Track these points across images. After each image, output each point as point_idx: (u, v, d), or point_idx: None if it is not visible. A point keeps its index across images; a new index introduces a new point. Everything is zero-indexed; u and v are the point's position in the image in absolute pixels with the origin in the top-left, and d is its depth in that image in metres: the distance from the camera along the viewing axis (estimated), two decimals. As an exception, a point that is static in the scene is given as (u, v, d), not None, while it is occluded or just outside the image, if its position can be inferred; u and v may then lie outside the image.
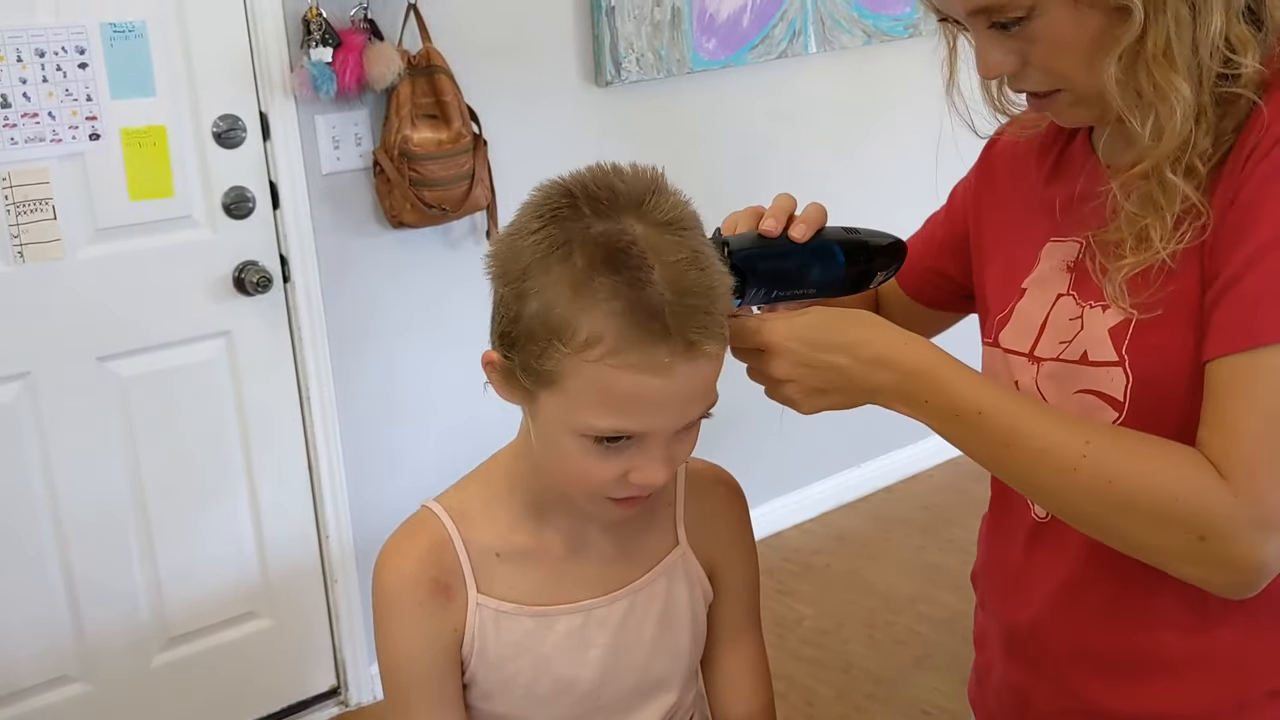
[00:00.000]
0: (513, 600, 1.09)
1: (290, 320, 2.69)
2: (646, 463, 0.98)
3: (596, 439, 0.97)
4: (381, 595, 1.10)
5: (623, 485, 1.00)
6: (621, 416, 0.95)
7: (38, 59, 2.31)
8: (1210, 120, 0.95)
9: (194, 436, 2.63)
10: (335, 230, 2.70)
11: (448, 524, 1.10)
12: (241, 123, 2.55)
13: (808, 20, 3.33)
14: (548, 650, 1.09)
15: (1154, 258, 0.96)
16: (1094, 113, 1.01)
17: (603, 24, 2.94)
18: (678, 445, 1.01)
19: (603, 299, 0.92)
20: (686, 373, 0.94)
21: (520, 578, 1.09)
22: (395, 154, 2.60)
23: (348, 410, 2.78)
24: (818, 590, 3.27)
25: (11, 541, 2.45)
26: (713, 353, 0.95)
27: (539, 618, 1.09)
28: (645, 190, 0.97)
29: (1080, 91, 0.99)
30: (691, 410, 0.98)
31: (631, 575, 1.12)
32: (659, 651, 1.13)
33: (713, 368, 0.97)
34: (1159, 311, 0.97)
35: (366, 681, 2.91)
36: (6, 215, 2.33)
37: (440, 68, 2.64)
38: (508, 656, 1.09)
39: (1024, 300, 1.11)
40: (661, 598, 1.13)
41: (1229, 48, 0.93)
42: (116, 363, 2.51)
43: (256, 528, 2.73)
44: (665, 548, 1.15)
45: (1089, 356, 1.02)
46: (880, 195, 3.55)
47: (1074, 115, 1.03)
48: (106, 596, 2.57)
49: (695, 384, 0.96)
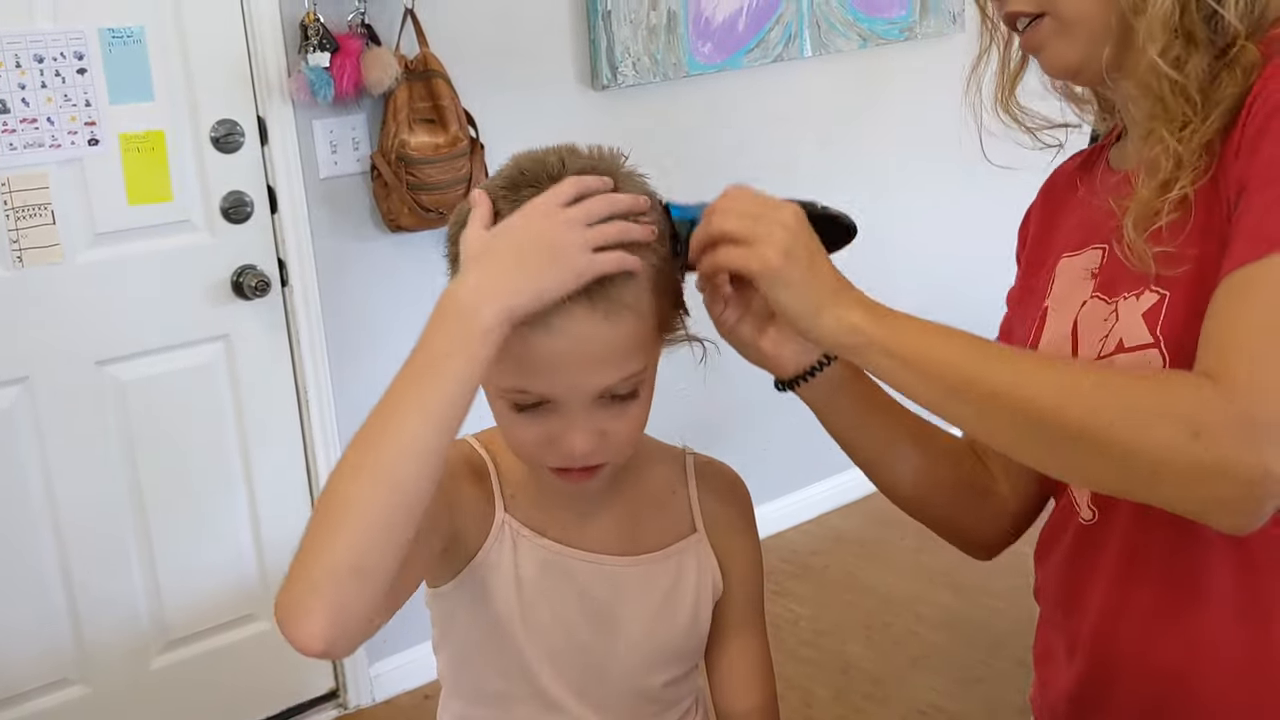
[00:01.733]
0: (534, 529, 1.11)
1: (288, 324, 2.70)
2: (565, 430, 0.99)
3: (514, 405, 0.99)
4: None
5: (551, 453, 1.01)
6: (520, 376, 0.97)
7: (36, 65, 2.32)
8: (1199, 50, 0.96)
9: (192, 440, 2.64)
10: (333, 234, 2.71)
11: (482, 452, 1.12)
12: (240, 127, 2.56)
13: (803, 24, 3.34)
14: (554, 584, 1.10)
15: (1166, 193, 0.95)
16: (1074, 48, 1.02)
17: (599, 28, 2.95)
18: (604, 418, 1.00)
19: None
20: (570, 331, 0.94)
21: (541, 516, 1.11)
22: (393, 158, 2.61)
23: (346, 413, 2.78)
24: (816, 591, 3.27)
25: (11, 545, 2.46)
26: (599, 312, 0.95)
27: (555, 554, 1.10)
28: (596, 172, 0.99)
29: (1062, 14, 1.01)
30: (596, 375, 0.97)
31: (643, 547, 1.14)
32: (658, 629, 1.13)
33: (608, 329, 0.96)
34: (1186, 267, 0.95)
35: (365, 684, 2.92)
36: (6, 220, 2.34)
37: (437, 72, 2.65)
38: (517, 577, 1.09)
39: (1050, 319, 1.11)
40: (672, 576, 1.14)
41: None
42: (115, 367, 2.52)
43: (255, 531, 2.74)
44: (681, 532, 1.16)
45: (1124, 344, 1.00)
46: (876, 199, 3.57)
47: (1056, 54, 1.04)
48: (105, 599, 2.58)
49: (588, 344, 0.95)
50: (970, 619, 3.08)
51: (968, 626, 3.08)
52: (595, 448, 1.00)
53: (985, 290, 1.71)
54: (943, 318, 0.97)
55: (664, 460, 1.19)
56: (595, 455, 1.01)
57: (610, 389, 0.99)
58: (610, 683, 1.13)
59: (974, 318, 1.25)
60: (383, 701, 2.93)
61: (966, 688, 2.87)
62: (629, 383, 1.00)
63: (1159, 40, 0.96)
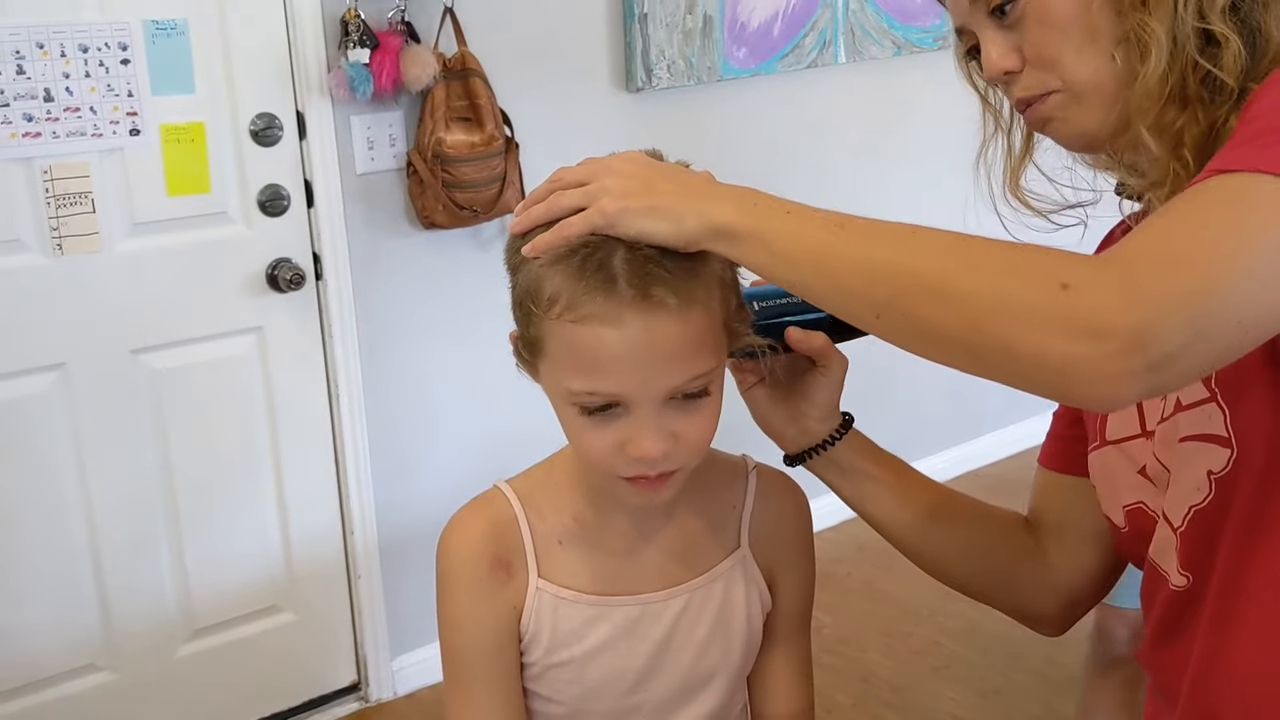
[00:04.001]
0: (572, 588, 1.10)
1: (321, 318, 2.72)
2: (636, 432, 0.98)
3: (584, 409, 0.98)
4: (444, 567, 1.11)
5: (623, 460, 0.99)
6: (591, 377, 0.96)
7: (81, 54, 2.35)
8: (1196, 107, 0.93)
9: (223, 430, 2.66)
10: (368, 230, 2.73)
11: (515, 505, 1.12)
12: (279, 121, 2.58)
13: (838, 31, 3.35)
14: (601, 640, 1.10)
15: None
16: (1090, 116, 0.99)
17: (635, 31, 2.96)
18: (676, 419, 0.99)
19: (563, 257, 0.96)
20: (642, 325, 0.94)
21: (581, 566, 1.11)
22: (429, 155, 2.62)
23: (375, 408, 2.80)
24: (837, 599, 3.27)
25: (42, 529, 2.49)
26: (671, 304, 0.94)
27: (597, 607, 1.10)
28: None
29: (1073, 85, 0.98)
30: (669, 372, 0.97)
31: (691, 573, 1.13)
32: (709, 652, 1.13)
33: (678, 323, 0.95)
34: None
35: (387, 677, 2.94)
36: (47, 208, 2.37)
37: (475, 71, 2.66)
38: (561, 642, 1.10)
39: None
40: (718, 599, 1.14)
41: (1209, 24, 0.92)
42: (149, 356, 2.54)
43: (282, 522, 2.76)
44: (727, 549, 1.15)
45: (1182, 402, 0.97)
46: (907, 208, 3.57)
47: (1070, 125, 1.01)
48: (134, 587, 2.60)
49: (660, 339, 0.95)
50: (989, 630, 3.07)
51: (986, 637, 3.07)
52: (667, 451, 0.99)
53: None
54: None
55: (726, 474, 1.18)
56: (668, 460, 0.99)
57: (680, 388, 0.98)
58: (664, 707, 1.14)
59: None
60: (404, 695, 2.95)
61: (985, 698, 2.87)
62: (699, 381, 0.99)
63: (1149, 113, 0.94)
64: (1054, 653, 2.88)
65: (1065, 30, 0.97)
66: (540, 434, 1.16)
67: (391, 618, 2.90)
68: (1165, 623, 1.06)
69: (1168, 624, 1.06)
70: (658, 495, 1.04)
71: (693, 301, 0.96)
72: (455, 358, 2.88)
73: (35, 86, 2.31)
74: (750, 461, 1.20)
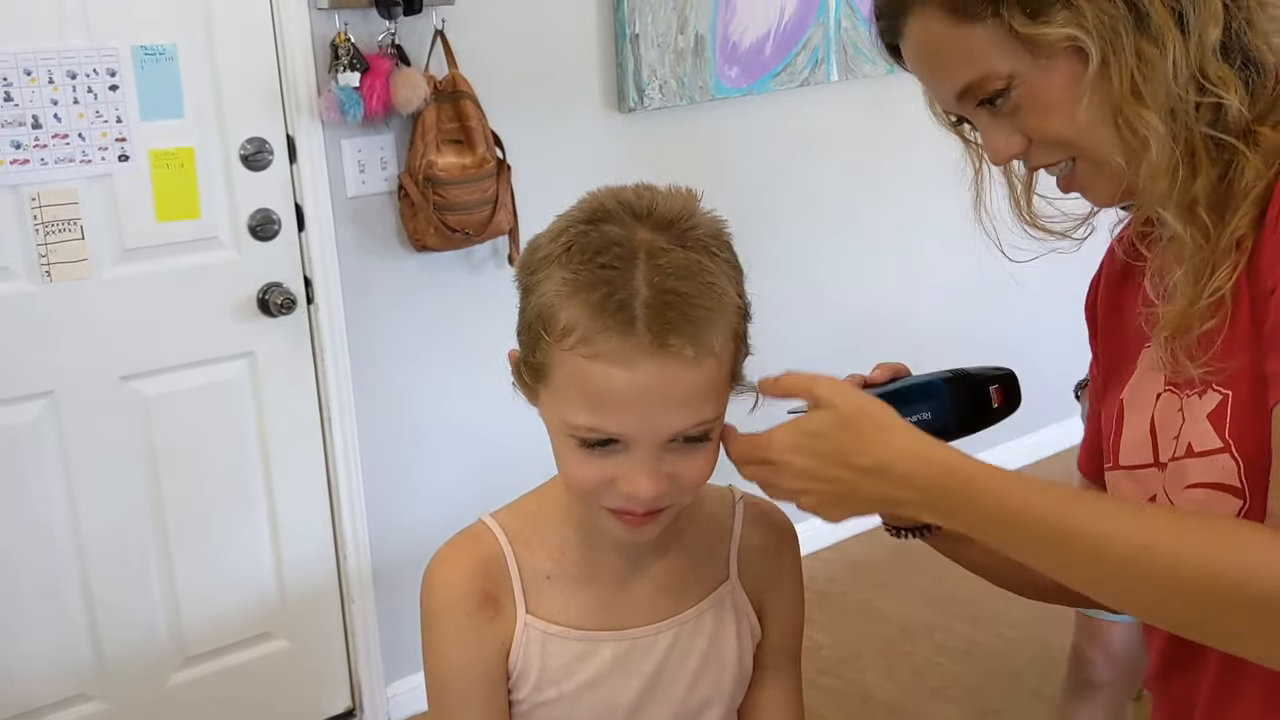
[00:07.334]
0: (561, 623, 1.09)
1: (313, 342, 2.71)
2: (632, 472, 0.97)
3: (582, 441, 0.97)
4: (430, 604, 1.10)
5: (612, 494, 0.99)
6: (595, 414, 0.95)
7: (69, 80, 2.34)
8: (1206, 164, 0.93)
9: (215, 456, 2.64)
10: (359, 253, 2.72)
11: (502, 541, 1.10)
12: (269, 145, 2.58)
13: (830, 49, 3.35)
14: (591, 675, 1.09)
15: (1187, 310, 0.93)
16: (1113, 179, 0.98)
17: (626, 51, 2.96)
18: (675, 462, 0.98)
19: (583, 289, 0.94)
20: (655, 371, 0.93)
21: (569, 601, 1.09)
22: (420, 178, 2.62)
23: (368, 432, 2.79)
24: (834, 619, 3.25)
25: (32, 558, 2.47)
26: (687, 355, 0.93)
27: (586, 642, 1.09)
28: (679, 211, 0.98)
29: (1089, 154, 0.97)
30: (674, 418, 0.96)
31: (680, 606, 1.12)
32: (700, 685, 1.12)
33: (690, 372, 0.94)
34: (1239, 365, 0.92)
35: (382, 703, 2.91)
36: (35, 235, 2.35)
37: (466, 93, 2.66)
38: (551, 679, 1.09)
39: (1127, 417, 1.07)
40: (708, 631, 1.13)
41: (1206, 80, 0.91)
42: (139, 382, 2.53)
43: (275, 548, 2.74)
44: (716, 580, 1.14)
45: (1194, 448, 0.97)
46: (901, 225, 3.56)
47: (1099, 187, 1.00)
48: (125, 614, 2.58)
49: (670, 386, 0.94)
50: (988, 650, 3.06)
51: (985, 657, 3.06)
52: (662, 492, 0.98)
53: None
54: (972, 337, 0.95)
55: (713, 505, 1.17)
56: (660, 499, 0.99)
57: (683, 433, 0.97)
58: None
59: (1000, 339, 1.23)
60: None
61: (984, 719, 2.85)
62: (703, 428, 0.98)
63: (1159, 192, 0.93)
64: (1052, 673, 2.87)
65: (1064, 114, 0.96)
66: (534, 457, 1.15)
67: (386, 643, 2.88)
68: (1171, 653, 1.05)
69: (1175, 653, 1.05)
70: (641, 533, 1.03)
71: (708, 353, 0.95)
72: (448, 380, 2.86)
73: (23, 113, 2.31)
74: (737, 492, 1.19)
